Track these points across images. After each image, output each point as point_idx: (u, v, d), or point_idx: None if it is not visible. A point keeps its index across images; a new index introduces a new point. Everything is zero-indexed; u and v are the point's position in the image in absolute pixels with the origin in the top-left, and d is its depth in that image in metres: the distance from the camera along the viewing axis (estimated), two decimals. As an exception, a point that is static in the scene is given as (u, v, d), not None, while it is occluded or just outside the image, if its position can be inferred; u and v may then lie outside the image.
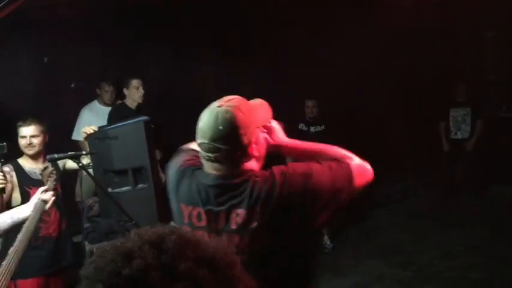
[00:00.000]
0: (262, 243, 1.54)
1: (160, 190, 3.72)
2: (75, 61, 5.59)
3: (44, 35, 5.26)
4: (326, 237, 5.62)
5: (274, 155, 1.79)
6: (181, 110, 5.96)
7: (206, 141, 1.59)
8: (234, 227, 1.57)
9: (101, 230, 3.53)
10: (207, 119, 1.60)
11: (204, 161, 1.65)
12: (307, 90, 5.76)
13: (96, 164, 3.59)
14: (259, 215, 1.55)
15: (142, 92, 4.76)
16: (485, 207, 6.08)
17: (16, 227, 2.54)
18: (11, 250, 2.33)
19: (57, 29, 5.25)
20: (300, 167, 1.63)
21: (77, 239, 4.10)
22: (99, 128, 3.67)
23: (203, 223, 1.62)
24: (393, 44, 6.52)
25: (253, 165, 1.65)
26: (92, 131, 3.57)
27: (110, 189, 3.50)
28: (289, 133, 5.83)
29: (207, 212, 1.62)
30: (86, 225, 3.69)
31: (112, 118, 4.63)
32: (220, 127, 1.56)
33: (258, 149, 1.65)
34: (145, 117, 3.77)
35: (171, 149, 5.14)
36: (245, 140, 1.58)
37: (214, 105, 1.63)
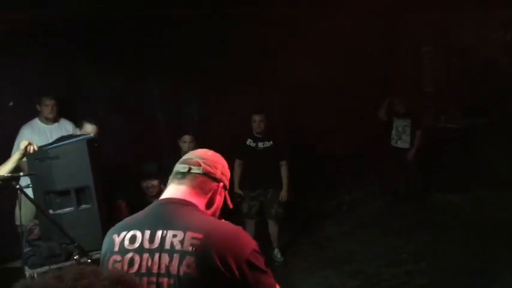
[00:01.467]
0: (191, 270, 1.50)
1: (105, 210, 3.63)
2: (14, 78, 5.39)
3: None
4: (276, 250, 5.64)
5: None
6: (125, 125, 5.87)
7: (191, 156, 1.77)
8: (168, 247, 1.53)
9: (41, 253, 3.38)
10: (200, 149, 1.85)
11: (170, 180, 1.74)
12: (253, 105, 5.76)
13: (36, 185, 3.45)
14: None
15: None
16: (428, 215, 6.29)
17: None
18: None
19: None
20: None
21: (17, 264, 3.92)
22: (40, 147, 3.54)
23: (137, 245, 1.57)
24: (338, 59, 6.69)
25: (205, 203, 1.71)
26: (31, 148, 3.43)
27: (51, 211, 3.37)
28: (237, 149, 5.85)
29: (143, 232, 1.59)
30: (26, 249, 3.52)
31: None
32: (210, 153, 1.80)
33: (217, 200, 1.75)
34: (88, 135, 3.68)
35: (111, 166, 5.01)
36: (220, 176, 1.76)
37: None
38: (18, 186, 2.92)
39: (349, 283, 4.87)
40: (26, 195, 2.98)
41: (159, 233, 1.55)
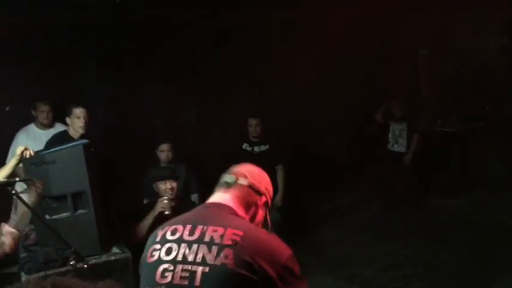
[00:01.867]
0: (228, 261, 1.54)
1: (102, 215, 3.62)
2: (10, 82, 5.38)
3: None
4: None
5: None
6: (123, 131, 5.86)
7: (240, 170, 1.87)
8: (207, 239, 1.59)
9: (38, 259, 3.37)
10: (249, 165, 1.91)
11: (217, 188, 1.82)
12: (250, 109, 5.76)
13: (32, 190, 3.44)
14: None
15: (83, 122, 4.57)
16: (424, 219, 6.28)
17: None
18: None
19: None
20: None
21: (13, 269, 3.89)
22: (36, 152, 3.53)
23: (177, 236, 1.64)
24: (335, 63, 6.71)
25: (247, 213, 1.78)
26: (27, 153, 3.42)
27: (47, 216, 3.36)
28: (234, 153, 5.84)
29: (184, 226, 1.66)
30: (22, 255, 3.51)
31: (51, 145, 4.44)
32: (256, 170, 1.89)
33: (258, 214, 1.83)
34: (84, 141, 3.67)
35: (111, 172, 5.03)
36: (263, 190, 1.84)
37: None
38: (13, 192, 2.90)
39: (346, 287, 4.86)
40: (22, 201, 2.97)
41: (200, 227, 1.62)
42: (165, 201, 3.90)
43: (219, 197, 1.78)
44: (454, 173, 6.97)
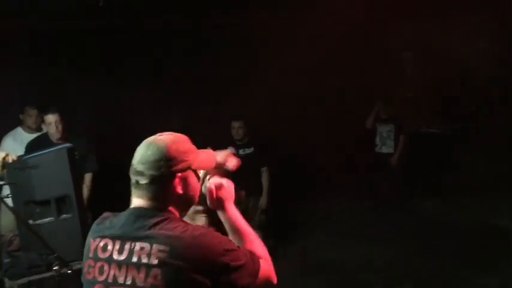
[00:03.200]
0: (157, 282, 1.50)
1: (86, 220, 3.60)
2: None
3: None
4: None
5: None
6: (116, 135, 5.84)
7: (134, 164, 1.62)
8: (135, 259, 1.53)
9: (21, 264, 3.35)
10: (142, 145, 1.66)
11: (131, 189, 1.65)
12: (233, 111, 5.76)
13: (16, 195, 3.42)
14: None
15: (55, 128, 4.55)
16: (411, 221, 6.31)
17: None
18: None
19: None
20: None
21: (-2, 275, 3.86)
22: (19, 157, 3.51)
23: (107, 254, 1.58)
24: (320, 65, 6.75)
25: (174, 202, 1.63)
26: (9, 158, 3.40)
27: (31, 221, 3.34)
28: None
29: (113, 242, 1.59)
30: (6, 260, 3.48)
31: (31, 148, 4.43)
32: (150, 152, 1.61)
33: (185, 188, 1.64)
34: (68, 144, 3.65)
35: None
36: (169, 171, 1.59)
37: (156, 135, 1.69)
38: (-3, 195, 2.89)
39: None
40: (6, 205, 2.95)
41: (128, 245, 1.55)
42: None
43: (137, 200, 1.63)
44: (439, 175, 7.03)
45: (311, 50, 6.45)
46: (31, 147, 4.53)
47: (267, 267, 1.68)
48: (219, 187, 1.78)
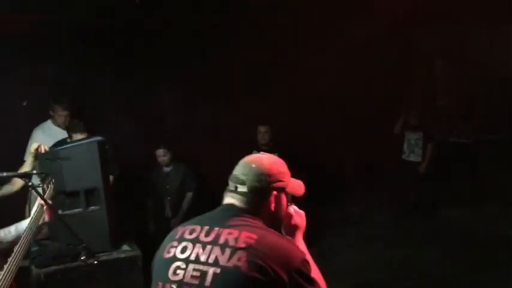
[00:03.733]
0: (240, 263, 1.56)
1: (113, 212, 3.65)
2: (28, 79, 5.46)
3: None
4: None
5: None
6: (136, 131, 5.91)
7: (236, 173, 1.76)
8: (221, 242, 1.61)
9: (49, 253, 3.42)
10: (244, 160, 1.81)
11: (225, 194, 1.79)
12: (260, 116, 5.76)
13: (46, 185, 3.49)
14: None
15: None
16: (435, 230, 6.23)
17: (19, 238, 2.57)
18: (15, 250, 2.39)
19: (9, 45, 5.13)
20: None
21: (25, 263, 3.94)
22: (51, 148, 3.58)
23: (193, 236, 1.67)
24: (349, 70, 6.71)
25: (263, 215, 1.74)
26: (42, 148, 3.48)
27: (60, 211, 3.40)
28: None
29: (202, 227, 1.69)
30: (34, 248, 3.56)
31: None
32: (253, 165, 1.76)
33: (276, 207, 1.77)
34: (99, 138, 3.71)
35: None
36: (269, 186, 1.74)
37: (257, 154, 1.88)
38: (30, 184, 2.95)
39: (354, 295, 4.85)
40: (38, 193, 3.01)
41: (216, 229, 1.66)
42: None
43: (233, 198, 1.76)
44: (466, 185, 6.91)
45: (340, 55, 6.41)
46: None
47: None
48: (298, 215, 1.92)
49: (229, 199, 1.76)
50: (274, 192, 1.75)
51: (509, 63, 7.09)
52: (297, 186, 1.91)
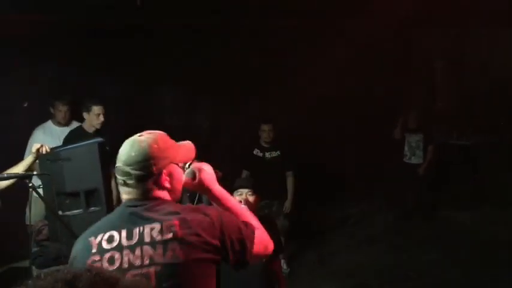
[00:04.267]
0: (176, 254, 1.57)
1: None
2: (28, 79, 5.47)
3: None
4: (283, 261, 5.62)
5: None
6: (137, 131, 5.92)
7: (119, 165, 1.70)
8: (148, 239, 1.60)
9: (49, 254, 3.41)
10: (124, 146, 1.74)
11: (119, 188, 1.75)
12: (262, 114, 5.76)
13: (47, 186, 3.49)
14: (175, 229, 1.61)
15: (102, 119, 4.75)
16: (435, 232, 6.23)
17: None
18: None
19: (9, 45, 5.14)
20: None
21: (25, 263, 3.94)
22: (52, 149, 3.58)
23: (115, 243, 1.62)
24: (349, 71, 6.71)
25: (164, 194, 1.73)
26: (43, 149, 3.48)
27: (60, 212, 3.40)
28: (244, 159, 5.82)
29: (119, 231, 1.64)
30: (34, 249, 3.55)
31: (68, 141, 4.53)
32: (133, 153, 1.68)
33: (171, 182, 1.73)
34: (99, 139, 3.71)
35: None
36: (154, 170, 1.68)
37: (136, 135, 1.77)
38: (31, 185, 2.95)
39: (354, 296, 4.85)
40: (39, 194, 3.02)
41: (136, 230, 1.63)
42: None
43: (130, 193, 1.70)
44: (466, 187, 6.91)
45: (340, 55, 6.41)
46: (68, 140, 4.61)
47: (261, 235, 1.78)
48: (200, 170, 1.86)
49: (125, 195, 1.72)
50: (164, 172, 1.70)
51: (509, 64, 7.09)
52: (186, 153, 1.86)
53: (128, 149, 1.70)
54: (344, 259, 5.70)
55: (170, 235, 1.57)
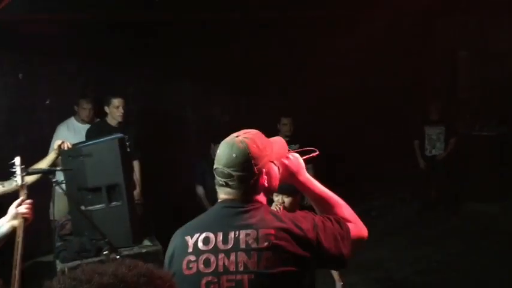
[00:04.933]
0: (270, 263, 1.59)
1: (134, 208, 3.70)
2: (52, 77, 5.57)
3: (20, 51, 5.24)
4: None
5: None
6: (160, 126, 5.97)
7: (220, 167, 1.71)
8: (243, 246, 1.61)
9: (72, 248, 3.48)
10: (223, 147, 1.74)
11: (217, 188, 1.76)
12: (282, 108, 5.75)
13: (69, 181, 3.56)
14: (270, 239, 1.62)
15: (122, 111, 4.86)
16: (459, 224, 6.15)
17: None
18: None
19: (34, 44, 5.23)
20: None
21: (49, 258, 4.03)
22: (73, 145, 3.65)
23: (211, 246, 1.65)
24: (370, 62, 6.64)
25: (262, 198, 1.76)
26: (65, 145, 3.54)
27: (83, 207, 3.47)
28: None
29: (215, 234, 1.66)
30: (58, 244, 3.63)
31: (91, 135, 4.61)
32: (234, 155, 1.69)
33: (269, 181, 1.75)
34: (119, 135, 3.77)
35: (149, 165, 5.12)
36: (256, 170, 1.70)
37: (233, 135, 1.76)
38: (54, 180, 3.01)
39: (376, 290, 4.82)
40: (62, 189, 3.08)
41: (232, 234, 1.64)
42: None
43: (228, 193, 1.72)
44: (490, 178, 6.77)
45: (364, 44, 6.33)
46: (91, 134, 4.69)
47: (355, 228, 1.83)
48: (292, 163, 1.88)
49: (224, 195, 1.73)
50: (264, 171, 1.72)
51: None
52: (280, 149, 1.88)
53: (228, 151, 1.70)
54: (366, 252, 5.64)
55: (265, 244, 1.59)
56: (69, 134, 4.98)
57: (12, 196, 3.28)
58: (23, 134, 5.37)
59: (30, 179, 3.51)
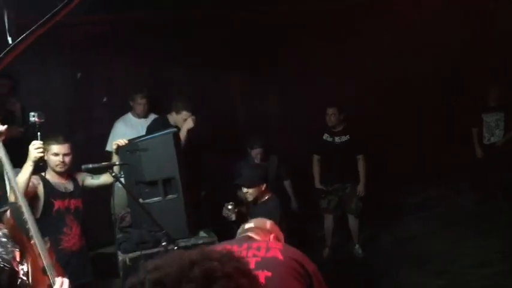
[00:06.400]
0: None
1: (190, 200, 3.81)
2: (108, 76, 5.77)
3: (77, 51, 5.46)
4: (357, 246, 5.60)
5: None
6: (209, 118, 6.06)
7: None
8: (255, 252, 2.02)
9: (132, 240, 3.62)
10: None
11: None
12: (329, 98, 5.70)
13: (127, 176, 3.70)
14: None
15: (191, 125, 4.59)
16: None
17: None
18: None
19: (89, 44, 5.44)
20: None
21: (111, 249, 4.20)
22: (129, 140, 3.78)
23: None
24: (421, 47, 6.45)
25: None
26: (122, 143, 3.68)
27: (140, 200, 3.60)
28: (314, 144, 5.80)
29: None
30: (119, 235, 3.79)
31: (152, 130, 4.66)
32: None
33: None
34: (174, 129, 3.87)
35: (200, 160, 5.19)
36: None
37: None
38: (114, 174, 3.14)
39: (433, 282, 4.71)
40: (121, 183, 3.20)
41: (245, 244, 2.04)
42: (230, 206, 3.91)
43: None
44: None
45: (411, 30, 6.15)
46: (152, 127, 4.79)
47: None
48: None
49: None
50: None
51: None
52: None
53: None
54: (421, 244, 5.54)
55: (273, 254, 1.96)
56: (126, 129, 5.15)
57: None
58: (81, 131, 5.58)
59: (88, 183, 3.69)
